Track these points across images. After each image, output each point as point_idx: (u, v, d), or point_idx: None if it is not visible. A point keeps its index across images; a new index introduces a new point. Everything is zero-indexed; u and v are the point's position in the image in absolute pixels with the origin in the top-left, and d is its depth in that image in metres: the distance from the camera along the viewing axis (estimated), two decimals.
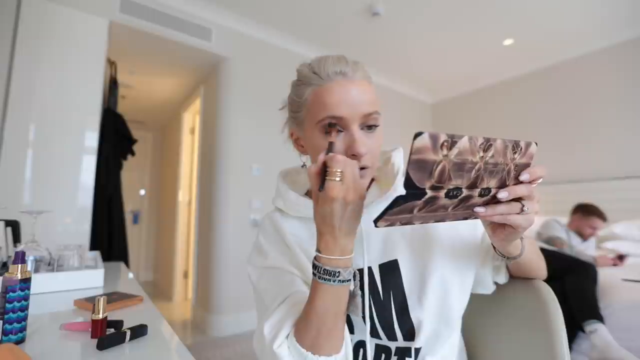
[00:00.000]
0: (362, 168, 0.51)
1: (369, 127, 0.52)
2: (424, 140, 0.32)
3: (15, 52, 1.81)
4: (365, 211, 0.57)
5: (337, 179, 0.42)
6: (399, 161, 0.62)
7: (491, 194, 0.41)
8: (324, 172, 0.43)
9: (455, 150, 0.34)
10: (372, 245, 0.58)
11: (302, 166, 0.64)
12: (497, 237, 0.47)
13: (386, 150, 0.66)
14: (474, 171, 0.37)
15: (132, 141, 2.55)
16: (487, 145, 0.36)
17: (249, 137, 2.73)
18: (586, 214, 2.30)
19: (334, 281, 0.43)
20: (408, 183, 0.34)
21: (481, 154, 0.36)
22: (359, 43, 3.09)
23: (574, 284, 1.79)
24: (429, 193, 0.36)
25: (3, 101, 1.78)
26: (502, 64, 3.49)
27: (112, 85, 2.51)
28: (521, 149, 0.39)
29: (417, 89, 4.24)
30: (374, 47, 3.16)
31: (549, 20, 2.73)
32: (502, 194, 0.40)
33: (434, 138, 0.33)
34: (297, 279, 0.55)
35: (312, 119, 0.52)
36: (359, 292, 0.46)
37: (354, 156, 0.50)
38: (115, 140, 2.39)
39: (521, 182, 0.41)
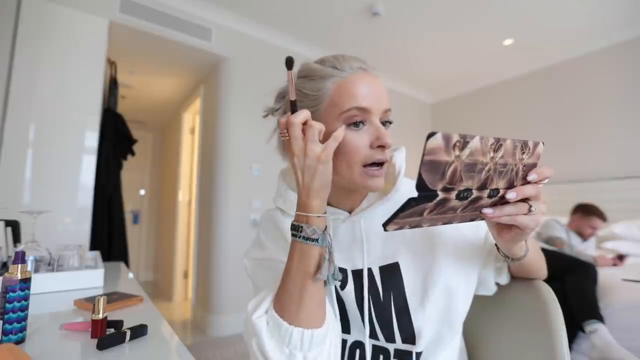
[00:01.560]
0: (384, 162, 0.50)
1: (384, 123, 0.52)
2: (437, 141, 0.32)
3: (15, 52, 1.81)
4: (365, 213, 0.56)
5: (287, 137, 0.45)
6: (401, 161, 0.60)
7: (499, 194, 0.40)
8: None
9: (467, 151, 0.34)
10: (372, 247, 0.57)
11: None
12: (503, 239, 0.46)
13: None
14: (484, 172, 0.36)
15: (132, 141, 2.55)
16: (498, 145, 0.36)
17: (249, 137, 2.73)
18: (586, 214, 2.29)
19: (298, 237, 0.44)
20: (420, 185, 0.33)
21: (491, 154, 0.36)
22: (359, 43, 3.09)
23: (574, 284, 1.79)
24: (441, 195, 0.35)
25: (3, 101, 1.78)
26: (502, 64, 3.49)
27: (112, 85, 2.51)
28: (529, 149, 0.39)
29: (417, 89, 4.24)
30: (374, 47, 3.16)
31: (549, 20, 2.73)
32: (511, 195, 0.40)
33: (446, 138, 0.32)
34: None
35: (335, 111, 0.50)
36: (326, 256, 0.45)
37: (382, 147, 0.49)
38: (115, 140, 2.39)
39: (528, 183, 0.41)
